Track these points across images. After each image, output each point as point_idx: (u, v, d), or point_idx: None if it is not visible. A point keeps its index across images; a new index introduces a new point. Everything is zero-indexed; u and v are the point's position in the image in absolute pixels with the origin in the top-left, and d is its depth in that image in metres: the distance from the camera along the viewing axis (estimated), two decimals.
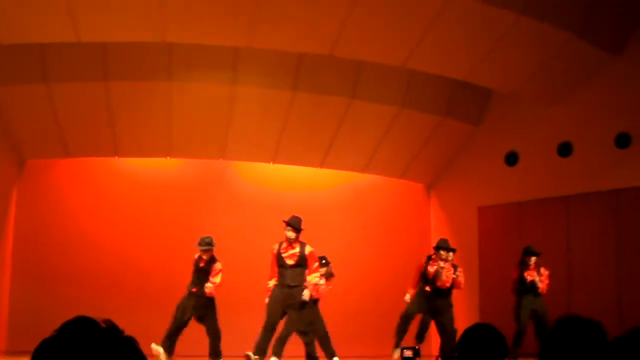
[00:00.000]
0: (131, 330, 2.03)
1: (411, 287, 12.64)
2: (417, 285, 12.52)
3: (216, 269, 11.51)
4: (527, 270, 12.82)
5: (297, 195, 15.81)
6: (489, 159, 15.79)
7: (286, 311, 11.39)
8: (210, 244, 11.52)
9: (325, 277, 12.36)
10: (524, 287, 12.79)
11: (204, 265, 11.51)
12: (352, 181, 16.41)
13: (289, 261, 11.30)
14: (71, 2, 10.94)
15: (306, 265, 11.40)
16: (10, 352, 13.34)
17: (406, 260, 14.27)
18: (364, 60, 13.83)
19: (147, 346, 10.86)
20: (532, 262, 12.84)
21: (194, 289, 11.48)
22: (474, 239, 15.91)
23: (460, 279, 12.41)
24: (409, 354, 11.52)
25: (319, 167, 15.84)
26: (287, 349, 11.51)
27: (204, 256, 11.53)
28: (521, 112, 15.40)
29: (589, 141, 14.19)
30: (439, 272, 12.21)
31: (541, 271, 12.85)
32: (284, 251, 11.34)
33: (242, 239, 14.71)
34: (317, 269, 11.62)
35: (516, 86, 14.28)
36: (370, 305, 15.12)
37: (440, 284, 12.22)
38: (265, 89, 14.15)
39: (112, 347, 1.86)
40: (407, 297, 12.55)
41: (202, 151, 15.15)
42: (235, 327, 11.67)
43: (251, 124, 14.66)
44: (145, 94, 13.89)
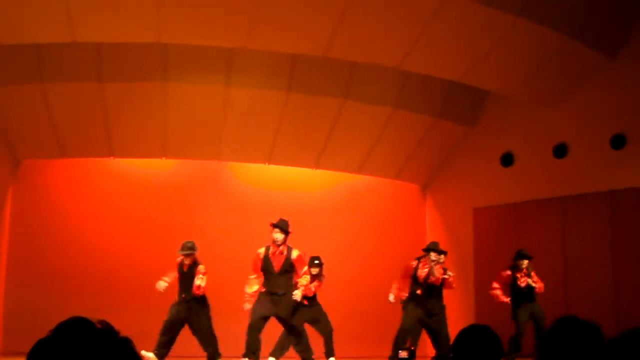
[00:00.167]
0: (126, 330, 2.03)
1: (399, 289, 12.50)
2: (408, 288, 12.31)
3: (200, 271, 11.42)
4: (519, 272, 12.71)
5: (292, 196, 15.82)
6: (484, 159, 15.79)
7: (276, 318, 11.15)
8: (192, 248, 11.41)
9: (316, 278, 12.36)
10: (518, 294, 12.67)
11: (187, 270, 11.45)
12: (347, 182, 16.41)
13: (276, 267, 11.03)
14: (67, 2, 10.92)
15: (293, 270, 11.14)
16: (5, 353, 13.31)
17: (401, 261, 14.24)
18: (358, 61, 13.84)
19: (143, 347, 10.85)
20: (524, 266, 12.73)
21: (183, 294, 11.42)
22: (469, 240, 15.91)
23: (450, 279, 12.28)
24: (404, 354, 11.53)
25: (314, 168, 15.84)
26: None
27: (187, 261, 11.43)
28: (517, 113, 15.40)
29: (584, 142, 14.21)
30: (432, 268, 12.07)
31: (532, 274, 12.75)
32: (271, 256, 11.06)
33: (237, 240, 14.69)
34: (307, 272, 11.44)
35: (512, 88, 14.29)
36: (366, 306, 15.11)
37: (433, 279, 12.07)
38: (259, 90, 14.16)
39: (108, 348, 1.86)
40: (391, 297, 12.40)
41: (197, 152, 15.14)
42: (230, 329, 11.63)
43: (246, 124, 14.65)
44: (140, 95, 13.89)
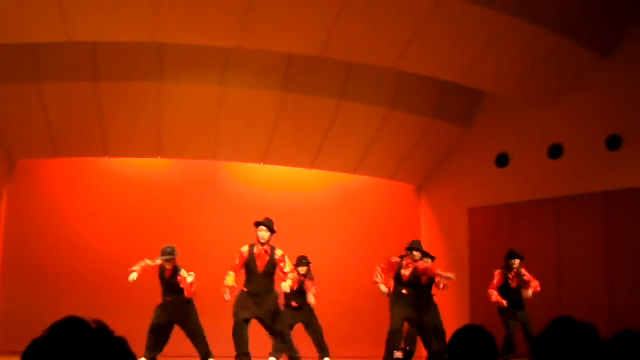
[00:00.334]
0: (121, 330, 2.03)
1: (383, 282, 12.31)
2: (393, 288, 12.15)
3: (182, 276, 11.27)
4: (510, 273, 12.67)
5: (287, 196, 15.82)
6: (479, 160, 15.80)
7: (257, 319, 11.01)
8: (172, 253, 11.30)
9: (305, 277, 12.36)
10: (507, 295, 12.62)
11: (169, 275, 11.39)
12: (343, 182, 16.40)
13: (260, 267, 10.93)
14: (62, 2, 10.91)
15: (275, 271, 11.01)
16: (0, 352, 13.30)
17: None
18: (354, 61, 13.84)
19: (138, 347, 10.83)
20: (515, 266, 12.67)
21: (169, 298, 11.37)
22: (464, 241, 15.92)
23: (447, 282, 12.23)
24: (399, 355, 11.54)
25: (310, 168, 15.83)
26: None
27: (167, 266, 11.37)
28: (512, 113, 15.41)
29: (579, 143, 14.21)
30: (416, 269, 12.07)
31: (523, 272, 12.71)
32: (256, 255, 10.94)
33: (233, 239, 14.59)
34: (292, 270, 11.25)
35: (507, 88, 14.30)
36: (361, 306, 15.11)
37: (422, 270, 12.05)
38: (255, 90, 14.15)
39: (103, 348, 1.86)
40: (384, 289, 12.19)
41: (193, 152, 15.13)
42: (226, 329, 11.59)
43: (242, 124, 14.64)
44: (136, 94, 13.87)
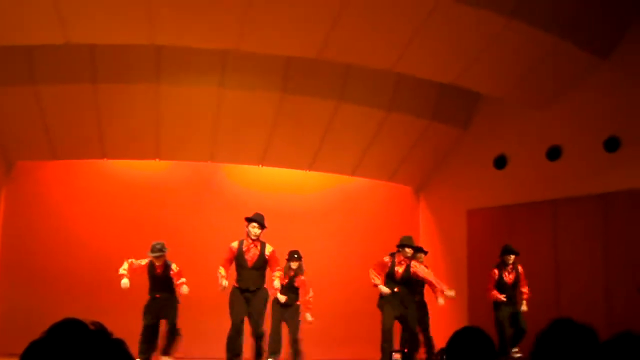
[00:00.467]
0: (120, 332, 2.03)
1: (382, 283, 12.33)
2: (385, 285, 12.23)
3: (174, 271, 11.41)
4: (506, 269, 12.72)
5: (285, 198, 15.81)
6: (477, 162, 15.80)
7: (248, 316, 11.02)
8: (162, 249, 11.37)
9: (296, 272, 12.39)
10: (502, 291, 12.66)
11: (160, 272, 11.40)
12: (341, 184, 16.40)
13: (250, 262, 10.97)
14: (59, 4, 10.90)
15: (266, 266, 11.08)
16: None
17: None
18: (352, 63, 13.84)
19: (136, 348, 10.84)
20: (511, 262, 12.73)
21: (157, 294, 11.37)
22: (462, 242, 15.92)
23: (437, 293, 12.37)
24: (397, 357, 11.54)
25: (308, 170, 15.83)
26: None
27: (157, 262, 11.41)
28: (510, 115, 15.41)
29: (578, 145, 14.21)
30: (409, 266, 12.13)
31: (518, 270, 12.75)
32: (245, 250, 10.99)
33: (230, 241, 14.62)
34: (279, 269, 11.38)
35: (505, 90, 14.29)
36: (359, 308, 15.07)
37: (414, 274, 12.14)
38: (253, 92, 14.14)
39: (101, 349, 1.85)
40: (384, 289, 12.22)
41: (191, 153, 15.12)
42: (224, 329, 11.58)
43: (240, 126, 14.64)
44: (133, 96, 13.86)
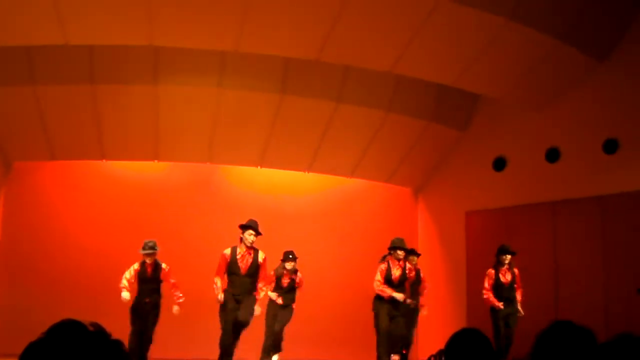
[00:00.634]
0: (118, 333, 2.03)
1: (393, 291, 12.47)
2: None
3: (165, 271, 11.49)
4: (502, 269, 12.72)
5: (284, 199, 15.81)
6: (476, 163, 15.80)
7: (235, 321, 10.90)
8: (153, 247, 11.39)
9: (290, 272, 12.41)
10: (498, 291, 12.66)
11: (150, 272, 11.40)
12: (340, 185, 16.40)
13: (243, 269, 10.86)
14: (59, 4, 10.90)
15: (258, 273, 10.98)
16: None
17: None
18: (351, 65, 13.83)
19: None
20: (507, 262, 12.73)
21: (147, 299, 11.36)
22: (461, 244, 15.92)
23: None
24: (396, 358, 11.55)
25: (306, 171, 15.83)
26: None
27: (148, 260, 11.41)
28: (509, 117, 15.42)
29: (576, 147, 14.21)
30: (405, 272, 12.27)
31: (514, 271, 12.76)
32: (240, 258, 10.88)
33: (229, 243, 14.60)
34: (272, 279, 11.60)
35: (504, 91, 14.30)
36: (357, 310, 15.06)
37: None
38: (252, 93, 14.13)
39: (100, 350, 1.85)
40: (398, 295, 12.34)
41: (189, 155, 15.12)
42: (215, 331, 11.55)
43: (238, 127, 14.63)
44: (132, 97, 13.86)
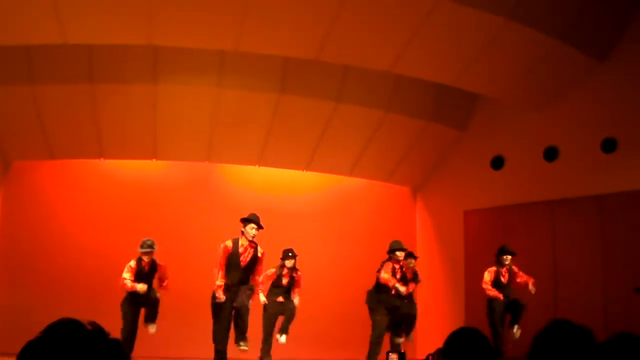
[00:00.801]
0: (117, 332, 2.03)
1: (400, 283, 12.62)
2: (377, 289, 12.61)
3: (161, 265, 11.52)
4: (502, 269, 12.73)
5: (282, 198, 15.81)
6: (475, 163, 15.80)
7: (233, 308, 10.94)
8: (152, 246, 11.39)
9: (291, 270, 12.43)
10: (498, 290, 12.68)
11: (148, 269, 11.41)
12: (338, 184, 16.39)
13: (243, 262, 10.87)
14: (58, 4, 10.89)
15: (255, 267, 11.02)
16: None
17: None
18: (350, 64, 13.83)
19: (136, 348, 10.81)
20: (507, 262, 12.73)
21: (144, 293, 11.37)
22: (459, 243, 15.92)
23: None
24: (394, 357, 11.56)
25: (305, 170, 15.82)
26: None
27: (145, 258, 11.42)
28: (507, 116, 15.42)
29: (575, 146, 14.22)
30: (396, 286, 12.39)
31: (513, 269, 12.76)
32: (242, 251, 10.87)
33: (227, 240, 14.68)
34: (272, 277, 11.73)
35: (503, 91, 14.30)
36: (355, 309, 15.06)
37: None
38: (250, 92, 14.13)
39: (98, 349, 1.85)
40: (403, 289, 12.49)
41: (188, 154, 15.11)
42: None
43: (237, 126, 14.63)
44: (131, 96, 13.85)
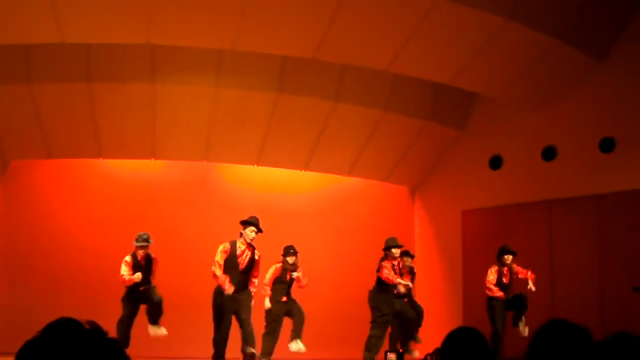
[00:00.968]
0: (115, 331, 2.03)
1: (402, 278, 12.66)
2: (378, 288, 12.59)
3: (155, 258, 11.53)
4: (503, 268, 12.74)
5: (281, 197, 15.79)
6: (473, 162, 15.81)
7: (235, 314, 11.00)
8: (147, 240, 11.41)
9: (292, 268, 12.42)
10: (499, 288, 12.69)
11: (144, 264, 11.42)
12: (336, 184, 16.39)
13: (241, 265, 10.91)
14: (56, 3, 10.89)
15: (252, 270, 11.06)
16: None
17: None
18: (348, 63, 13.83)
19: (133, 347, 10.80)
20: (509, 262, 12.75)
21: (142, 287, 11.35)
22: (457, 242, 15.92)
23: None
24: (392, 357, 11.56)
25: (303, 170, 15.81)
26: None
27: (141, 252, 11.42)
28: (506, 115, 15.42)
29: (573, 145, 14.23)
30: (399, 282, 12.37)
31: (512, 268, 12.77)
32: (240, 254, 10.93)
33: (226, 241, 14.66)
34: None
35: (501, 90, 14.31)
36: (354, 308, 15.06)
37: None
38: (249, 91, 14.12)
39: (96, 349, 1.85)
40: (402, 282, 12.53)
41: (186, 153, 15.10)
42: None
43: (235, 126, 14.62)
44: (129, 96, 13.84)
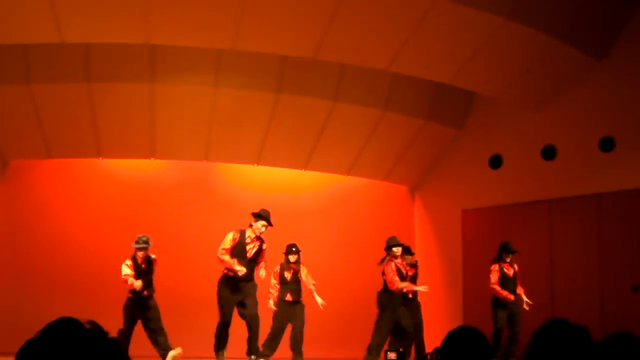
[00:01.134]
0: (116, 331, 2.03)
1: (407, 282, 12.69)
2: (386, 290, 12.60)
3: (154, 258, 11.52)
4: (505, 264, 12.76)
5: (280, 197, 15.79)
6: (473, 162, 15.80)
7: (238, 306, 11.02)
8: (147, 242, 11.41)
9: (294, 264, 12.43)
10: (505, 287, 12.69)
11: (145, 267, 11.42)
12: (336, 183, 16.40)
13: (249, 254, 10.98)
14: (55, 3, 10.88)
15: (259, 259, 11.15)
16: None
17: None
18: (348, 63, 13.83)
19: (133, 346, 10.80)
20: (509, 260, 12.79)
21: (146, 291, 11.34)
22: (457, 242, 15.92)
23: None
24: (392, 356, 11.55)
25: (303, 169, 15.81)
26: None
27: (141, 254, 11.43)
28: (505, 115, 15.41)
29: (573, 145, 14.22)
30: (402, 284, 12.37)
31: (515, 266, 12.81)
32: (249, 242, 11.00)
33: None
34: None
35: (501, 90, 14.30)
36: (353, 308, 15.10)
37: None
38: (248, 91, 14.11)
39: (96, 349, 1.85)
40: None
41: (186, 152, 15.10)
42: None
43: (235, 125, 14.62)
44: (128, 95, 13.83)
